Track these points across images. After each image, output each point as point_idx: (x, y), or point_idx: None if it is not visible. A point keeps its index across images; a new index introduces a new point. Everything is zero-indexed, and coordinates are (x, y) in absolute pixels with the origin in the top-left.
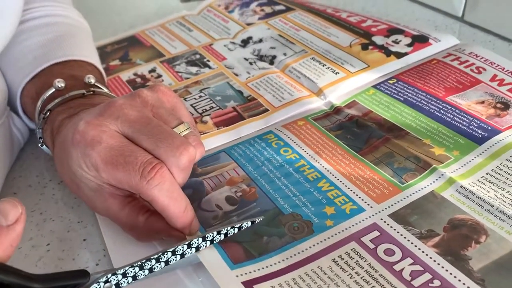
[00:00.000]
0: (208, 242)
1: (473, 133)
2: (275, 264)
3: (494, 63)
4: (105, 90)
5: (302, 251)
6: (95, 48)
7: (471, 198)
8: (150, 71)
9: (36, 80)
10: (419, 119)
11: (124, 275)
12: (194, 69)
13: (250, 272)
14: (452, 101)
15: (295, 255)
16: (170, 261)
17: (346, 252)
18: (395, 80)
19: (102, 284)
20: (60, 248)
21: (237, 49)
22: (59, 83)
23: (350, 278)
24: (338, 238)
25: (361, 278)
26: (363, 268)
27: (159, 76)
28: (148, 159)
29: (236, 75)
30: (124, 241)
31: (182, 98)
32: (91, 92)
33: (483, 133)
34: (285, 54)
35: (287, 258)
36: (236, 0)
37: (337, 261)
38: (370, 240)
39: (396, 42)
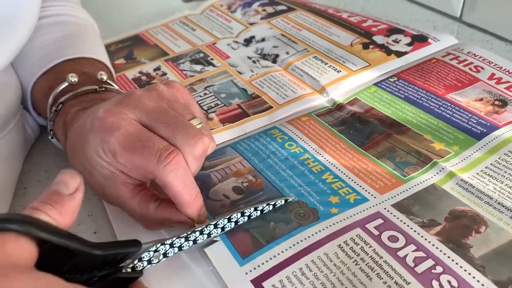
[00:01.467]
0: (233, 223)
1: (472, 129)
2: (282, 252)
3: (492, 62)
4: (116, 87)
5: (309, 236)
6: (104, 47)
7: (471, 190)
8: (155, 69)
9: (48, 75)
10: (420, 116)
11: (172, 245)
12: (198, 67)
13: (259, 266)
14: (452, 99)
15: (301, 241)
16: (212, 233)
17: (352, 238)
18: (395, 78)
19: (152, 253)
20: None
21: (240, 48)
22: (73, 77)
23: (356, 264)
24: (343, 224)
25: (366, 264)
26: (368, 254)
27: (164, 74)
28: (165, 145)
29: (240, 73)
30: (133, 233)
31: None
32: (103, 89)
33: (482, 129)
34: (287, 53)
35: (293, 245)
36: (239, 0)
37: (342, 247)
38: (374, 227)
39: (396, 41)
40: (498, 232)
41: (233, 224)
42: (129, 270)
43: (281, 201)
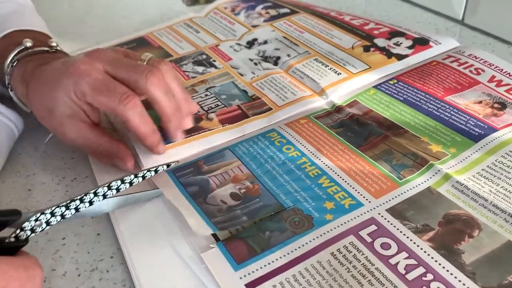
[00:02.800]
0: (114, 191)
1: (470, 131)
2: (276, 260)
3: (493, 65)
4: (64, 51)
5: (303, 245)
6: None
7: (466, 193)
8: None
9: (2, 41)
10: (418, 118)
11: (52, 214)
12: (200, 69)
13: (253, 272)
14: (451, 101)
15: (296, 249)
16: (93, 201)
17: (345, 245)
18: (395, 81)
19: (33, 222)
20: (75, 242)
21: (242, 50)
22: (27, 42)
23: (348, 272)
24: (337, 231)
25: (358, 272)
26: (360, 261)
27: None
28: (125, 90)
29: (241, 75)
30: (135, 235)
31: None
32: (54, 50)
33: (480, 131)
34: (289, 55)
35: (288, 253)
36: (242, 3)
37: (335, 255)
38: (367, 234)
39: (397, 44)
40: (491, 236)
41: (114, 191)
42: (12, 239)
43: (163, 167)
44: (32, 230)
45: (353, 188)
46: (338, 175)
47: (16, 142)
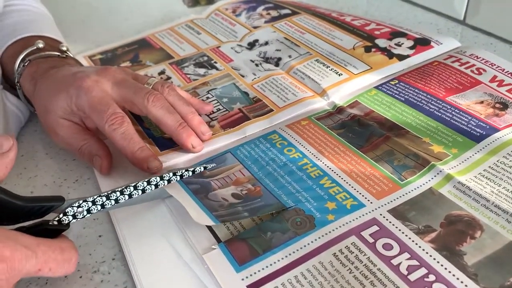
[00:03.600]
0: (153, 186)
1: (472, 131)
2: (278, 261)
3: (495, 65)
4: (74, 57)
5: (304, 245)
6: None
7: (468, 193)
8: (159, 73)
9: (16, 44)
10: (419, 118)
11: (94, 202)
12: (202, 71)
13: (255, 273)
14: (452, 101)
15: (297, 250)
16: (133, 194)
17: (347, 246)
18: (396, 81)
19: (75, 208)
20: (76, 244)
21: (243, 52)
22: (40, 43)
23: (350, 273)
24: (339, 232)
25: (360, 272)
26: (362, 262)
27: (169, 78)
28: (114, 111)
29: (243, 76)
30: (137, 237)
31: None
32: (64, 56)
33: (481, 132)
34: (290, 56)
35: (289, 254)
36: (243, 4)
37: (337, 256)
38: (369, 235)
39: (398, 44)
40: (493, 237)
41: (153, 187)
42: (55, 223)
43: (200, 168)
44: (74, 216)
45: (355, 189)
46: (339, 176)
47: (18, 144)
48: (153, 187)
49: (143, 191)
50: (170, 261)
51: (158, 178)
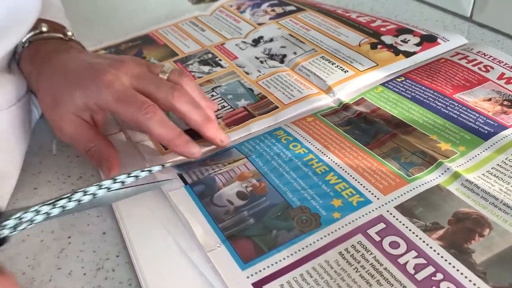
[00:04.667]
0: (105, 189)
1: (479, 129)
2: (283, 259)
3: (502, 62)
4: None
5: (310, 244)
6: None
7: (476, 191)
8: None
9: None
10: (426, 116)
11: (37, 212)
12: (206, 68)
13: (260, 271)
14: (459, 99)
15: (303, 248)
16: (81, 200)
17: (353, 245)
18: (403, 78)
19: (16, 220)
20: (81, 241)
21: (248, 48)
22: (43, 27)
23: (356, 272)
24: (345, 230)
25: (366, 272)
26: (369, 261)
27: None
28: (144, 100)
29: (247, 73)
30: (142, 233)
31: None
32: (67, 38)
33: (489, 129)
34: (295, 53)
35: (295, 252)
36: (248, 1)
37: (343, 254)
38: (376, 233)
39: (404, 41)
40: (502, 235)
41: (105, 190)
42: None
43: (158, 167)
44: (15, 227)
45: (361, 184)
46: (345, 171)
47: None
48: (104, 190)
49: (94, 195)
50: (174, 258)
51: (111, 181)
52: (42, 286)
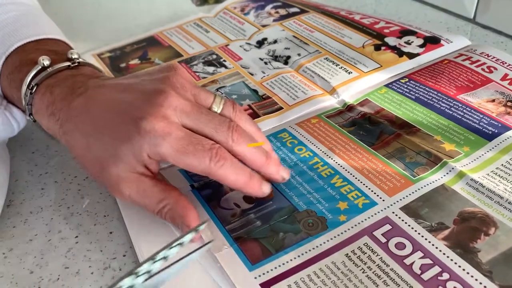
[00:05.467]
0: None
1: (483, 129)
2: (291, 260)
3: (506, 63)
4: (88, 61)
5: (317, 246)
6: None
7: (481, 190)
8: None
9: (11, 59)
10: (430, 117)
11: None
12: (211, 69)
13: (268, 272)
14: (463, 99)
15: (310, 250)
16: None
17: (359, 247)
18: (406, 79)
19: None
20: (88, 241)
21: (252, 50)
22: (45, 60)
23: (363, 272)
24: (351, 233)
25: (373, 272)
26: (375, 262)
27: None
28: (211, 144)
29: (252, 74)
30: (146, 233)
31: None
32: (76, 64)
33: (493, 130)
34: (299, 55)
35: (302, 254)
36: (252, 2)
37: (350, 256)
38: (381, 234)
39: (408, 43)
40: (507, 234)
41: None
42: None
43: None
44: None
45: (367, 186)
46: (351, 174)
47: (29, 140)
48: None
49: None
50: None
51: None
52: (50, 285)
